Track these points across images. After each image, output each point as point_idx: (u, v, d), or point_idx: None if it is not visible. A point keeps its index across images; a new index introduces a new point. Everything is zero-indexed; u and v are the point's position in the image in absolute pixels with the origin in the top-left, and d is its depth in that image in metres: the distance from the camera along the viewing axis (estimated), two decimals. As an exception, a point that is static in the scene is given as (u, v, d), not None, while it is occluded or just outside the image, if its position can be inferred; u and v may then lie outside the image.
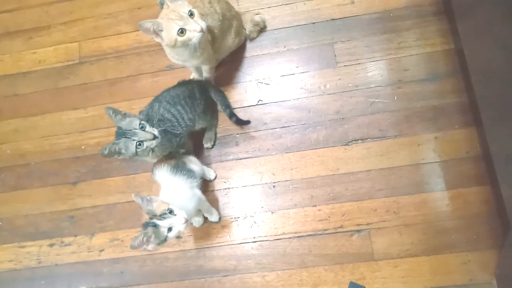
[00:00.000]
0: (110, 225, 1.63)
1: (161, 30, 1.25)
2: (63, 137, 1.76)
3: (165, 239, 1.17)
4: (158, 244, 1.16)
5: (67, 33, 1.90)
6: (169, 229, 1.17)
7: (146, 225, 1.17)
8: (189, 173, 1.39)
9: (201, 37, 1.26)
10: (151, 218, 1.18)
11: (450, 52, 1.59)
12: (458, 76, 1.56)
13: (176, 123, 1.39)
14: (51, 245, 1.64)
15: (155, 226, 1.15)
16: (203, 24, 1.25)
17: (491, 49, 1.33)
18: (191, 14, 1.25)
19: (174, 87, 1.47)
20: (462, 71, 1.55)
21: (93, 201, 1.66)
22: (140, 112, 1.50)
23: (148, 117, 1.35)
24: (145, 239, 1.13)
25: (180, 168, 1.37)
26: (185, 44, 1.27)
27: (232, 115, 1.56)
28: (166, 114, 1.37)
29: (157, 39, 1.28)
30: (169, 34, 1.25)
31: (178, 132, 1.39)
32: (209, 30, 1.41)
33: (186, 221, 1.18)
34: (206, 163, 1.61)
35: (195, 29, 1.24)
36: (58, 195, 1.69)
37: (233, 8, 1.58)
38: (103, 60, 1.83)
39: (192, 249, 1.54)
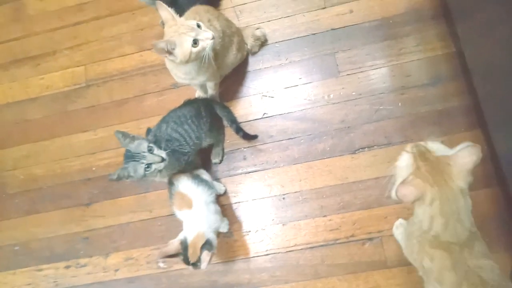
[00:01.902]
0: (124, 245, 1.65)
1: (174, 48, 1.27)
2: (74, 160, 1.79)
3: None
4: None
5: (73, 58, 1.94)
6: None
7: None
8: (207, 183, 1.42)
9: (213, 44, 1.30)
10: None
11: (451, 55, 1.60)
12: (460, 78, 1.56)
13: (184, 142, 1.41)
14: (67, 267, 1.66)
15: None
16: (212, 32, 1.29)
17: (491, 50, 1.34)
18: (198, 26, 1.29)
19: (180, 107, 1.49)
20: (463, 74, 1.56)
21: (106, 222, 1.69)
22: (148, 131, 1.53)
23: (156, 138, 1.38)
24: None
25: (198, 178, 1.41)
26: (199, 56, 1.30)
27: (238, 130, 1.58)
28: (174, 134, 1.40)
29: (170, 58, 1.30)
30: (183, 48, 1.26)
31: (186, 150, 1.41)
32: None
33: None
34: (215, 178, 1.63)
35: (207, 37, 1.28)
36: (71, 217, 1.72)
37: (233, 24, 1.61)
38: (109, 82, 1.87)
39: (205, 264, 1.56)
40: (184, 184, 1.37)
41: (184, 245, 1.22)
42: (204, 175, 1.49)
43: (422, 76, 1.60)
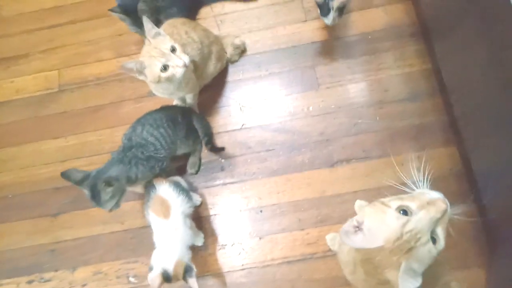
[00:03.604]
0: (94, 258, 1.57)
1: (144, 68, 1.25)
2: (43, 168, 1.71)
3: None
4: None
5: (47, 61, 1.87)
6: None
7: None
8: (188, 194, 1.37)
9: (184, 71, 1.26)
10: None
11: (428, 71, 1.62)
12: (437, 95, 1.59)
13: (160, 147, 1.38)
14: (29, 282, 1.57)
15: None
16: (186, 59, 1.26)
17: (466, 69, 1.37)
18: (173, 50, 1.26)
19: (156, 110, 1.46)
20: (440, 90, 1.59)
21: (75, 233, 1.61)
22: (124, 136, 1.49)
23: (131, 141, 1.35)
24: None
25: (179, 186, 1.35)
26: (169, 80, 1.27)
27: (208, 143, 1.55)
28: (149, 138, 1.36)
29: (141, 77, 1.28)
30: (152, 71, 1.25)
31: (161, 155, 1.38)
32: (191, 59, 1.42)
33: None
34: (191, 189, 1.59)
35: (177, 64, 1.24)
36: (38, 228, 1.63)
37: (211, 34, 1.59)
38: (84, 87, 1.81)
39: (179, 279, 1.50)
40: (165, 189, 1.32)
41: (166, 276, 1.14)
42: (182, 183, 1.44)
43: (400, 91, 1.62)
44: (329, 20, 1.49)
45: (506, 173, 1.20)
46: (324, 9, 1.48)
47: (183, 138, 1.47)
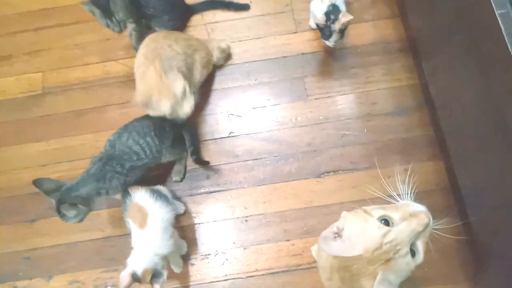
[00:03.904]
0: (71, 266, 1.51)
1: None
2: (23, 172, 1.65)
3: None
4: None
5: (31, 64, 1.83)
6: None
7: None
8: (167, 200, 1.34)
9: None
10: None
11: (416, 86, 1.64)
12: (424, 110, 1.61)
13: (143, 156, 1.35)
14: (2, 290, 1.50)
15: None
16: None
17: (454, 84, 1.39)
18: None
19: (144, 117, 1.43)
20: (427, 105, 1.60)
21: (52, 240, 1.55)
22: (109, 141, 1.46)
23: (113, 149, 1.33)
24: None
25: (158, 193, 1.32)
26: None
27: (193, 153, 1.52)
28: (134, 146, 1.34)
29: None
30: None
31: (142, 163, 1.36)
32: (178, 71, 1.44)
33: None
34: (175, 196, 1.55)
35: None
36: (13, 235, 1.56)
37: (193, 41, 1.56)
38: (69, 91, 1.77)
39: (159, 290, 1.45)
40: (142, 196, 1.28)
41: (136, 277, 1.15)
42: (164, 191, 1.41)
43: (388, 105, 1.63)
44: (331, 42, 1.50)
45: (492, 191, 1.20)
46: (325, 32, 1.47)
47: (169, 147, 1.44)
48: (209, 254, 1.48)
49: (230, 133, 1.64)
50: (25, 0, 1.95)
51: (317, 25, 1.51)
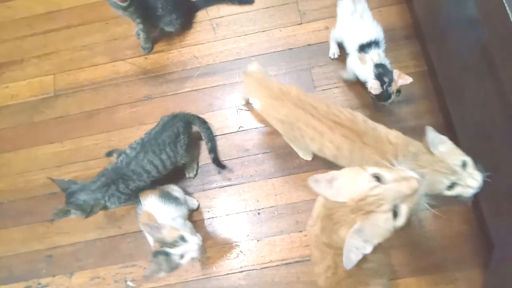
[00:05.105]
0: (90, 263, 1.56)
1: None
2: (39, 173, 1.70)
3: (177, 266, 1.16)
4: (170, 271, 1.16)
5: (41, 67, 1.86)
6: (181, 256, 1.15)
7: (156, 254, 1.14)
8: (177, 200, 1.37)
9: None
10: (161, 246, 1.15)
11: (423, 74, 1.64)
12: (432, 97, 1.60)
13: (156, 173, 1.41)
14: (27, 288, 1.55)
15: (167, 254, 1.13)
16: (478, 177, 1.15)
17: (461, 71, 1.38)
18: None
19: (160, 131, 1.43)
20: (435, 92, 1.60)
21: (71, 239, 1.60)
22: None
23: (128, 167, 1.37)
24: (157, 268, 1.12)
25: (167, 196, 1.36)
26: None
27: (212, 151, 1.56)
28: (148, 166, 1.39)
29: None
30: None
31: (148, 181, 1.41)
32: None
33: (199, 246, 1.17)
34: (188, 192, 1.58)
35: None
36: (34, 234, 1.62)
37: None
38: (80, 92, 1.80)
39: (176, 283, 1.49)
40: (151, 203, 1.33)
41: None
42: (176, 192, 1.44)
43: (395, 93, 1.62)
44: (389, 103, 1.46)
45: (503, 176, 1.20)
46: (383, 96, 1.42)
47: (183, 153, 1.47)
48: (224, 247, 1.52)
49: (239, 128, 1.66)
50: (30, 4, 1.98)
51: (374, 95, 1.43)
